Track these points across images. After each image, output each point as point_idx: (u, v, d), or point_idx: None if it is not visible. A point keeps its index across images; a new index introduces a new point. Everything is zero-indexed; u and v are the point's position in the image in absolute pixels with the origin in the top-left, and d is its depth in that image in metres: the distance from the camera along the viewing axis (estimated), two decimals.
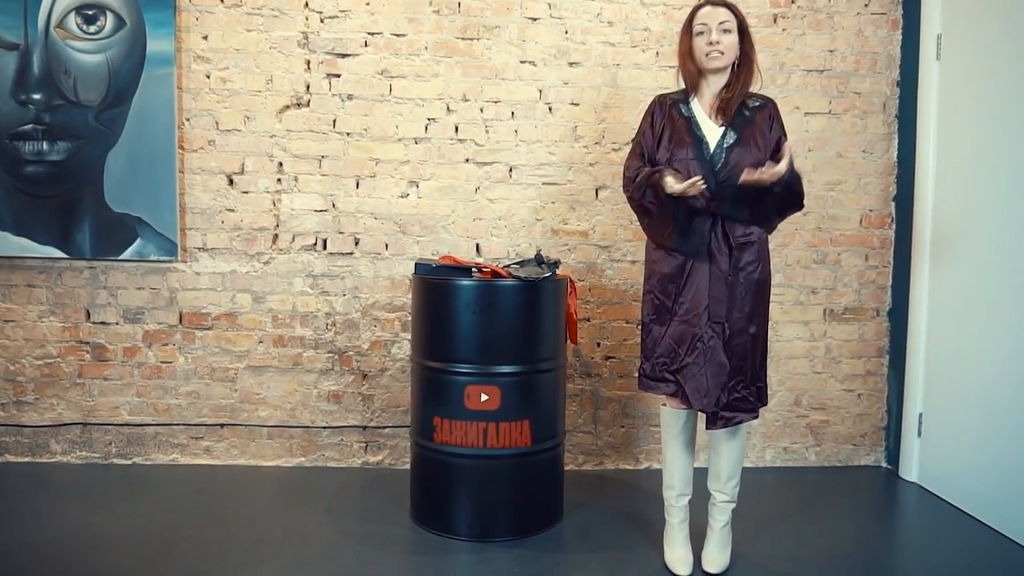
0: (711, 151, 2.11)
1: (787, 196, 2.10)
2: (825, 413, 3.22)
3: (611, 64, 3.07)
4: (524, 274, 2.42)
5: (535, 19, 3.04)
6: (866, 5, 3.11)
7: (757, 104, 2.16)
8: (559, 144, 3.08)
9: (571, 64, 3.06)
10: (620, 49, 3.06)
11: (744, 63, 2.15)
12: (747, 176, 2.00)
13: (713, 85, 2.16)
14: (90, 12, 2.91)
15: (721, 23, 2.09)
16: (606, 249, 3.12)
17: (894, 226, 3.18)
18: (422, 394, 2.51)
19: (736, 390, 2.12)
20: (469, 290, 2.39)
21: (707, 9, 2.12)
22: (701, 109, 2.16)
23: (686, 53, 2.16)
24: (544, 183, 3.09)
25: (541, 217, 3.10)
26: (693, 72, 2.16)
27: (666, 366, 2.17)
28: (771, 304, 2.23)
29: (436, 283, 2.45)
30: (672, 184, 2.03)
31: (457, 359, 2.40)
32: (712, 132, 2.13)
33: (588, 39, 3.06)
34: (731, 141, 2.10)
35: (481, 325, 2.39)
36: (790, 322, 3.18)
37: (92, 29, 2.91)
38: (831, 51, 3.11)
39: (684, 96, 2.21)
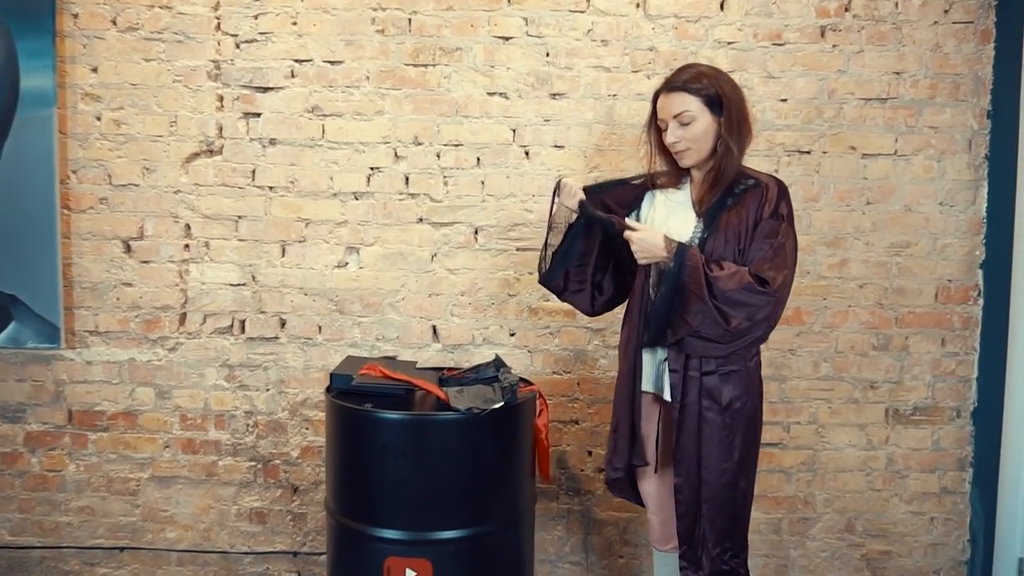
0: None
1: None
2: (887, 542, 2.50)
3: (605, 95, 2.39)
4: (467, 402, 1.75)
5: (507, 39, 2.38)
6: (946, 11, 2.36)
7: (746, 186, 1.79)
8: (538, 199, 2.41)
9: (553, 96, 2.39)
10: (617, 75, 2.38)
11: (722, 145, 1.77)
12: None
13: (700, 170, 1.88)
14: None
15: (677, 116, 1.79)
16: (598, 332, 2.45)
17: (982, 301, 2.44)
18: (334, 559, 1.87)
19: (724, 560, 1.80)
20: (392, 427, 1.74)
21: (662, 99, 1.82)
22: (690, 195, 1.88)
23: (656, 145, 1.88)
24: (519, 248, 2.43)
25: (515, 292, 2.44)
26: (673, 162, 1.88)
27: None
28: (817, 402, 1.86)
29: (350, 413, 1.80)
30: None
31: (375, 519, 1.76)
32: (686, 225, 1.83)
33: (575, 63, 2.38)
34: (701, 235, 1.79)
35: (408, 474, 1.74)
36: (840, 425, 2.46)
37: None
38: (898, 73, 2.38)
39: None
